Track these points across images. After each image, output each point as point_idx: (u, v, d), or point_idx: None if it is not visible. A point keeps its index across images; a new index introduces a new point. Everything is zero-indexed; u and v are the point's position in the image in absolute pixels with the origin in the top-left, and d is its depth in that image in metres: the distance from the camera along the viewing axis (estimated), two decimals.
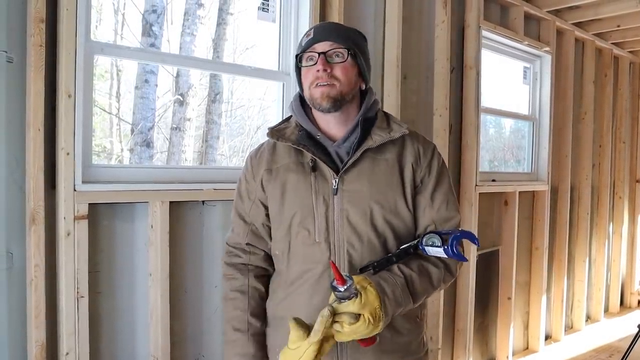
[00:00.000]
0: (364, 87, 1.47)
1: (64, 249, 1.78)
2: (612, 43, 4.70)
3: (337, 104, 1.37)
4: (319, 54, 1.36)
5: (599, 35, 4.52)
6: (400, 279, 1.28)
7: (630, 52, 5.02)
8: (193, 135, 5.80)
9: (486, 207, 3.60)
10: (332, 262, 1.21)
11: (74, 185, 1.79)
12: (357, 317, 1.16)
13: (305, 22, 2.48)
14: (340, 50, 1.37)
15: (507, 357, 3.73)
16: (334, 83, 1.35)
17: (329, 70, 1.35)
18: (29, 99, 1.72)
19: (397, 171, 1.40)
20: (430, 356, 1.59)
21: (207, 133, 6.02)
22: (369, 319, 1.16)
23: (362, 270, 1.34)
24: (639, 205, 5.43)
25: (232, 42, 6.83)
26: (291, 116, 1.51)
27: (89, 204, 1.83)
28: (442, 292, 3.09)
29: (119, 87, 6.31)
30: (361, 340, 1.21)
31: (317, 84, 1.36)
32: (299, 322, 1.17)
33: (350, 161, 1.38)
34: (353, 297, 1.15)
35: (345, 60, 1.37)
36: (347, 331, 1.16)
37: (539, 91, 4.06)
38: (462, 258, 1.28)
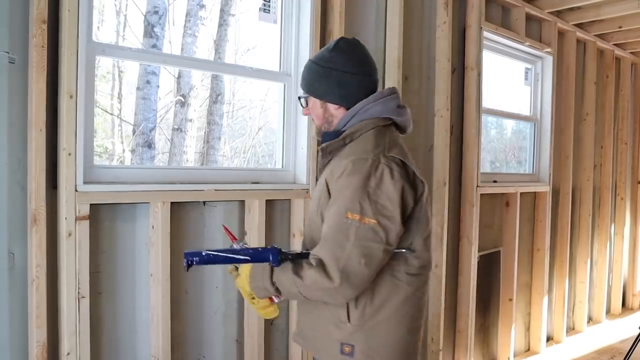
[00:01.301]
0: (339, 106, 1.58)
1: (66, 250, 1.78)
2: (613, 44, 4.69)
3: (320, 135, 1.64)
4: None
5: (600, 36, 4.52)
6: (267, 268, 1.48)
7: (632, 53, 5.01)
8: (194, 136, 5.81)
9: (487, 208, 3.60)
10: (224, 225, 1.70)
11: (76, 186, 1.80)
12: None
13: (306, 24, 2.48)
14: (302, 97, 1.65)
15: (509, 358, 3.72)
16: (313, 121, 1.67)
17: (307, 114, 1.67)
18: (30, 99, 1.72)
19: (325, 182, 1.53)
20: None
21: (208, 134, 6.03)
22: (243, 288, 1.54)
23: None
24: None
25: (234, 43, 6.85)
26: None
27: (91, 204, 1.84)
28: (442, 292, 3.10)
29: (120, 88, 6.32)
30: None
31: None
32: None
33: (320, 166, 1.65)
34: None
35: (307, 106, 1.65)
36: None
37: (541, 92, 4.06)
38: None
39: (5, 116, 1.72)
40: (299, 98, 1.67)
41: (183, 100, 5.57)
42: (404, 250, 1.49)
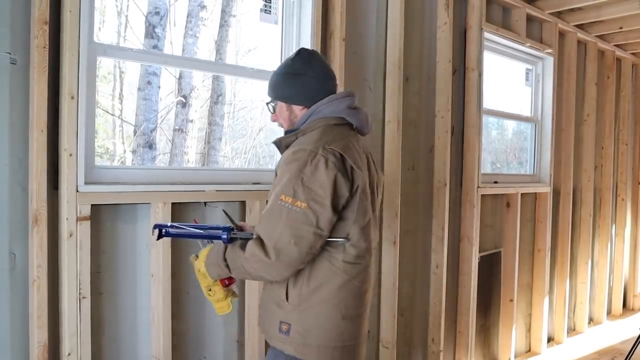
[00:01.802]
0: (304, 107, 1.72)
1: (67, 250, 1.78)
2: (614, 45, 4.69)
3: (287, 134, 1.75)
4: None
5: (601, 37, 4.52)
6: (222, 247, 1.62)
7: (632, 54, 5.01)
8: (195, 137, 5.80)
9: (488, 209, 3.60)
10: (194, 219, 1.98)
11: (77, 186, 1.80)
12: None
13: (307, 25, 2.48)
14: (270, 104, 1.78)
15: (509, 359, 3.72)
16: (281, 125, 1.80)
17: (275, 119, 1.80)
18: (32, 100, 1.73)
19: (275, 171, 1.67)
20: (327, 352, 1.62)
21: (209, 134, 6.03)
22: (200, 270, 1.68)
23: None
24: None
25: (235, 44, 6.84)
26: None
27: (92, 205, 1.84)
28: (443, 293, 3.10)
29: (121, 89, 6.32)
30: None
31: None
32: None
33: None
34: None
35: (274, 111, 1.78)
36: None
37: (541, 93, 4.06)
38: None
39: (7, 117, 1.73)
40: (267, 104, 1.80)
41: (184, 100, 5.57)
42: (340, 240, 1.60)
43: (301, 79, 1.71)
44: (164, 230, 1.65)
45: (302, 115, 1.72)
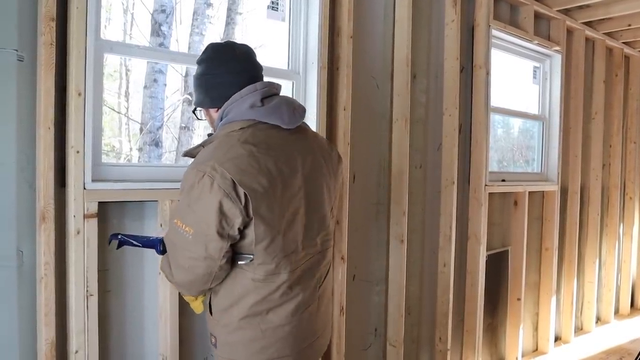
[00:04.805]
0: (217, 108, 1.59)
1: (74, 247, 1.78)
2: (622, 42, 4.66)
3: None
4: None
5: (609, 34, 4.48)
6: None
7: None
8: (202, 135, 5.80)
9: (496, 207, 3.58)
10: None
11: (84, 184, 1.80)
12: None
13: (314, 21, 2.47)
14: (195, 111, 1.68)
15: (517, 358, 3.70)
16: None
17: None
18: (39, 97, 1.72)
19: None
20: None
21: None
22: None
23: None
24: None
25: (241, 42, 6.84)
26: None
27: (99, 202, 1.84)
28: (450, 292, 3.08)
29: (127, 87, 6.32)
30: None
31: None
32: None
33: None
34: None
35: (202, 118, 1.67)
36: None
37: (549, 91, 4.04)
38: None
39: (14, 114, 1.72)
40: (193, 112, 1.70)
41: (190, 98, 5.56)
42: (245, 260, 1.50)
43: (207, 79, 1.58)
44: (122, 240, 1.70)
45: (217, 118, 1.58)
